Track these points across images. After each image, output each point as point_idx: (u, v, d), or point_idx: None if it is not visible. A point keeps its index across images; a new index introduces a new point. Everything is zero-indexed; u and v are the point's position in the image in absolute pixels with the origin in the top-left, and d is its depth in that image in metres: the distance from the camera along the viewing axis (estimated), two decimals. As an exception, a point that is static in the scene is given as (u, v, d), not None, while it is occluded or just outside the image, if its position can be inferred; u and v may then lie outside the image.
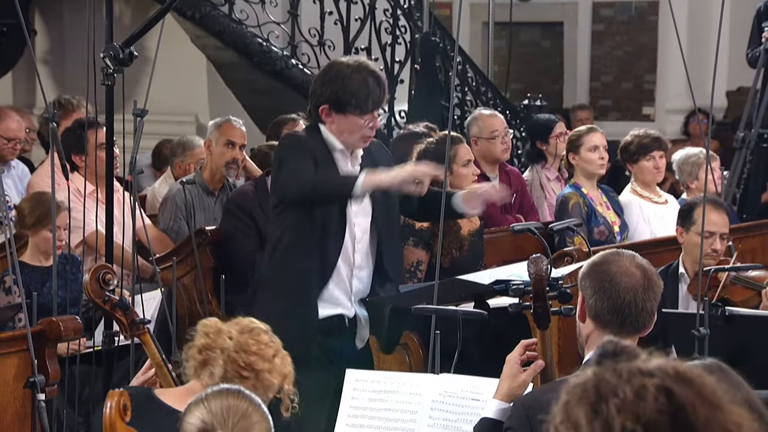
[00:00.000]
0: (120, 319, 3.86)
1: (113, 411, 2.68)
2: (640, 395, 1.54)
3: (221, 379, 3.31)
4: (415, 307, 4.18)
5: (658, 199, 6.54)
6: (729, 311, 4.78)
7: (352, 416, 3.60)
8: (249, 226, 5.82)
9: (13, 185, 6.97)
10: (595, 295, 3.04)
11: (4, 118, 6.85)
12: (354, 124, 4.38)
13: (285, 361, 3.39)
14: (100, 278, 3.87)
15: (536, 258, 3.32)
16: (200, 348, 3.34)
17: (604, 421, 1.54)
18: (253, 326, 3.41)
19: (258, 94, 9.47)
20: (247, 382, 3.31)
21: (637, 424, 1.52)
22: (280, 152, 4.52)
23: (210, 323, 3.41)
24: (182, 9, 8.65)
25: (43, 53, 10.47)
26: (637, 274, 3.03)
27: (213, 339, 3.33)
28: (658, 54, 13.25)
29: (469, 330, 4.06)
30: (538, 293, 3.26)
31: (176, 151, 7.39)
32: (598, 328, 3.06)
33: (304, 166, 4.32)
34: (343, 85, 4.35)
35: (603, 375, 1.58)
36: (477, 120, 6.82)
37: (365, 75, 4.37)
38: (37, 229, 5.39)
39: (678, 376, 1.56)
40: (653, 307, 3.06)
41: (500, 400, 3.17)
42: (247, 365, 3.31)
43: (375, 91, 4.38)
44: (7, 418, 3.95)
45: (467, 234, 5.54)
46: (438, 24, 9.61)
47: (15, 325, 4.83)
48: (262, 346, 3.35)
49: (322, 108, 4.40)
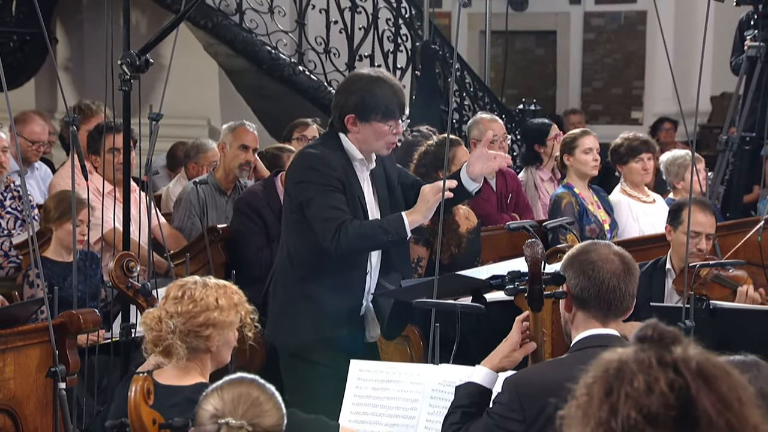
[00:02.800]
0: (141, 304, 3.87)
1: (138, 394, 2.68)
2: (650, 388, 1.53)
3: (188, 351, 3.28)
4: (416, 301, 4.17)
5: (646, 198, 6.54)
6: (713, 305, 4.78)
7: (356, 404, 3.60)
8: (258, 225, 5.83)
9: (36, 185, 6.97)
10: (580, 283, 3.07)
11: (28, 122, 6.85)
12: (380, 131, 4.32)
13: (227, 294, 3.35)
14: (124, 265, 3.89)
15: (532, 242, 3.31)
16: (153, 342, 3.31)
17: (612, 404, 1.54)
18: (183, 290, 3.34)
19: (267, 99, 9.48)
20: (212, 336, 3.30)
21: (640, 415, 1.51)
22: (302, 174, 4.35)
23: (147, 317, 3.37)
24: (195, 18, 8.66)
25: (63, 61, 10.48)
26: (616, 260, 3.08)
27: (158, 329, 3.30)
28: (645, 61, 13.26)
29: (467, 323, 4.05)
30: (534, 276, 3.25)
31: (190, 153, 7.39)
32: (584, 313, 3.08)
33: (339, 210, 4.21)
34: (370, 92, 4.31)
35: (627, 359, 1.57)
36: (478, 123, 6.82)
37: (386, 85, 4.35)
38: (60, 222, 5.45)
39: (698, 372, 1.54)
40: (634, 290, 3.11)
41: (489, 368, 3.21)
42: (200, 325, 3.29)
43: (396, 97, 4.36)
44: (30, 406, 3.95)
45: (465, 232, 5.54)
46: (437, 33, 9.61)
47: (37, 317, 4.83)
48: (201, 302, 3.31)
49: (348, 117, 4.33)
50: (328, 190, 4.25)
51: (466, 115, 9.29)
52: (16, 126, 5.77)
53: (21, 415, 3.92)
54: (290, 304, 4.40)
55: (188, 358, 3.31)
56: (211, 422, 2.53)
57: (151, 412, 2.69)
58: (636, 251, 5.88)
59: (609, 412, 1.53)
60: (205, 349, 3.32)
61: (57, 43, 10.09)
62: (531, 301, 3.26)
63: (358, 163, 4.39)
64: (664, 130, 11.04)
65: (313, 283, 4.35)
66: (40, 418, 3.99)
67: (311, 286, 4.36)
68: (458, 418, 3.14)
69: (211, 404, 2.56)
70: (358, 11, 9.22)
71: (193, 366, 3.33)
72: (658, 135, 10.52)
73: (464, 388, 3.21)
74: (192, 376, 3.30)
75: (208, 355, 3.34)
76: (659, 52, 12.18)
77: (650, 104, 13.05)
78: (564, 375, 1.65)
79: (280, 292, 4.47)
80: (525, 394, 2.93)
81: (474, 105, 9.81)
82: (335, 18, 9.16)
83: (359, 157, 4.38)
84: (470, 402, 3.16)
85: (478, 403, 3.15)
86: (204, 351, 3.32)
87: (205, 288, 3.34)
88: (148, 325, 3.33)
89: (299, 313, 4.35)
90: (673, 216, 5.42)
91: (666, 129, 11.10)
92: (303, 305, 4.35)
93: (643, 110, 13.33)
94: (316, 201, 4.25)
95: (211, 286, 3.36)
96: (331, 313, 4.34)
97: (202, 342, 3.30)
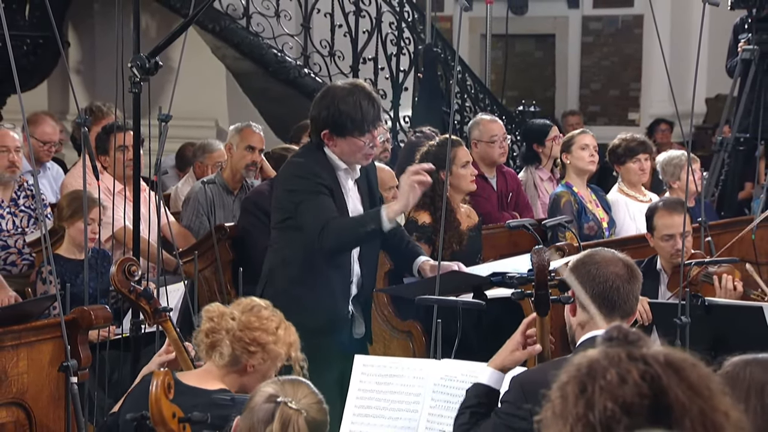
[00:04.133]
0: (144, 307, 3.86)
1: (159, 389, 2.68)
2: (623, 379, 1.54)
3: (230, 357, 3.32)
4: (419, 298, 4.17)
5: (643, 198, 6.54)
6: (708, 301, 4.77)
7: (360, 398, 3.60)
8: (264, 223, 5.81)
9: (49, 185, 6.97)
10: (585, 285, 3.05)
11: (39, 123, 6.85)
12: (355, 145, 4.31)
13: (288, 331, 3.39)
14: (126, 270, 3.88)
15: (539, 249, 3.31)
16: (206, 332, 3.35)
17: (588, 399, 1.55)
18: (254, 304, 3.40)
19: (273, 101, 9.47)
20: (256, 356, 3.32)
21: (616, 405, 1.53)
22: (291, 182, 4.37)
23: (213, 308, 3.41)
24: (203, 22, 8.66)
25: (75, 63, 10.48)
26: (620, 263, 3.09)
27: (217, 322, 3.34)
28: (642, 64, 13.23)
29: (468, 319, 4.05)
30: (540, 282, 3.25)
31: (196, 153, 7.39)
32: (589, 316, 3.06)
33: (327, 210, 4.24)
34: (338, 109, 4.26)
35: (598, 358, 1.59)
36: (478, 124, 6.82)
37: (358, 97, 4.28)
38: (73, 221, 5.46)
39: (667, 364, 1.56)
40: (637, 294, 3.11)
41: (494, 368, 3.21)
42: (252, 341, 3.31)
43: (369, 111, 4.29)
44: (43, 399, 3.95)
45: (466, 230, 5.54)
46: (439, 36, 9.61)
47: (50, 313, 4.83)
48: (264, 321, 3.35)
49: (323, 133, 4.32)
50: (315, 195, 4.26)
51: (467, 116, 9.28)
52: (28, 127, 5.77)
53: (34, 409, 3.92)
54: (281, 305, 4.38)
55: (225, 366, 3.33)
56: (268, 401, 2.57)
57: (171, 406, 2.69)
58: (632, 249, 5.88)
59: (585, 407, 1.54)
60: (243, 366, 3.34)
61: (69, 46, 10.08)
62: (537, 306, 3.26)
63: (342, 173, 4.39)
64: (660, 131, 11.04)
65: (302, 286, 4.35)
66: (53, 412, 3.99)
67: (300, 289, 4.35)
68: (467, 419, 3.14)
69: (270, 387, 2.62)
70: (362, 15, 9.22)
71: (221, 375, 3.34)
72: (654, 136, 10.50)
73: (472, 390, 3.20)
74: (216, 383, 3.32)
75: (242, 375, 3.35)
76: (655, 55, 12.18)
77: (647, 106, 13.02)
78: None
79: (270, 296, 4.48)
80: (531, 393, 2.92)
81: (475, 106, 9.80)
82: (340, 22, 9.16)
83: (343, 166, 4.38)
84: (478, 402, 3.16)
85: (486, 403, 3.15)
86: (241, 368, 3.34)
87: (273, 314, 3.39)
88: (210, 315, 3.36)
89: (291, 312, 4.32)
90: (648, 222, 5.40)
91: (662, 130, 11.09)
92: (293, 306, 4.34)
93: (639, 112, 13.31)
94: (304, 205, 4.27)
95: (277, 317, 3.40)
96: (320, 313, 4.34)
97: (245, 356, 3.32)
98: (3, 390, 3.83)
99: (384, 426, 3.52)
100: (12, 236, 5.89)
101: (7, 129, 6.02)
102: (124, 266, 3.85)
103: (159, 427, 2.69)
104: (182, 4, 8.59)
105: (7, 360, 3.84)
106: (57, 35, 4.58)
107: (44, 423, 3.95)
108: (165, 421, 2.67)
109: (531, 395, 2.92)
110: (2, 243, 5.86)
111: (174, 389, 2.76)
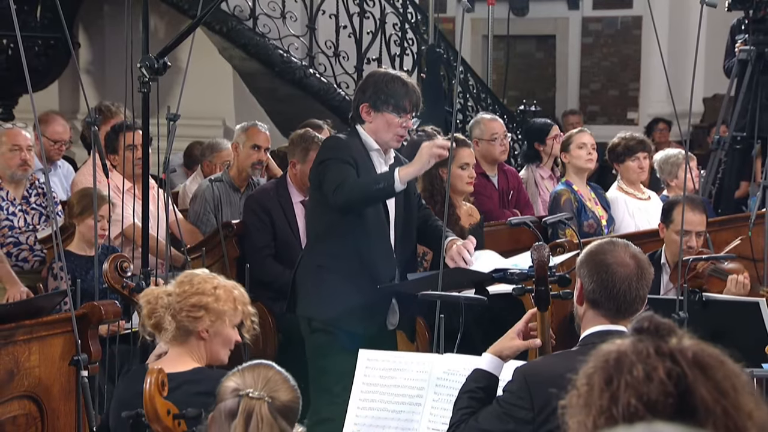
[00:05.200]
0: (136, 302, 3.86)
1: (152, 386, 2.68)
2: (649, 376, 1.52)
3: (175, 331, 3.30)
4: (422, 293, 4.17)
5: (641, 195, 6.55)
6: (706, 297, 4.77)
7: (364, 392, 3.60)
8: (264, 222, 5.82)
9: (59, 183, 6.98)
10: (593, 283, 3.00)
11: (50, 123, 6.85)
12: (390, 122, 4.47)
13: (229, 288, 3.36)
14: (118, 266, 3.89)
15: (539, 246, 3.31)
16: (147, 315, 3.34)
17: (613, 392, 1.53)
18: (187, 274, 3.38)
19: (279, 101, 9.47)
20: (204, 320, 3.30)
21: (640, 402, 1.51)
22: (325, 153, 4.54)
23: (147, 291, 3.41)
24: (211, 23, 8.66)
25: (86, 64, 10.48)
26: (631, 264, 3.00)
27: (153, 303, 3.33)
28: (641, 64, 13.21)
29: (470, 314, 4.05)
30: (540, 277, 3.25)
31: (204, 152, 7.39)
32: (595, 311, 3.04)
33: (347, 173, 4.36)
34: (383, 87, 4.48)
35: (626, 350, 1.56)
36: (479, 123, 6.82)
37: (401, 82, 4.51)
38: (83, 217, 5.46)
39: (695, 362, 1.53)
40: (645, 294, 3.04)
41: (492, 354, 3.21)
42: (192, 306, 3.29)
43: (409, 94, 4.50)
44: (54, 392, 3.96)
45: (468, 227, 5.54)
46: (442, 37, 9.61)
47: (61, 308, 4.84)
48: (198, 285, 3.32)
49: (362, 106, 4.49)
50: (341, 162, 4.39)
51: (469, 116, 9.27)
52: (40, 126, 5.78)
53: (46, 401, 3.94)
54: (316, 279, 4.50)
55: (180, 342, 3.31)
56: (233, 395, 2.55)
57: (165, 404, 2.70)
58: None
59: (610, 400, 1.52)
60: (196, 333, 3.31)
61: (79, 47, 10.09)
62: (537, 301, 3.26)
63: (375, 153, 4.52)
64: (658, 130, 11.03)
65: (339, 259, 4.48)
66: (64, 404, 4.00)
67: (337, 263, 4.48)
68: (466, 403, 3.14)
69: (232, 381, 2.60)
70: (366, 16, 9.21)
71: (186, 353, 3.32)
72: (652, 135, 10.49)
73: (471, 375, 3.21)
74: (187, 363, 3.31)
75: (201, 343, 3.33)
76: (654, 56, 12.15)
77: (645, 105, 13.00)
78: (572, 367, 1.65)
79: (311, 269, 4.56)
80: (534, 383, 2.92)
81: (477, 106, 9.80)
82: (344, 23, 9.16)
83: (375, 147, 4.51)
84: (476, 387, 3.16)
85: (484, 387, 3.15)
86: (195, 336, 3.31)
87: (207, 277, 3.37)
88: (146, 298, 3.35)
89: (325, 286, 4.43)
90: (665, 215, 5.43)
91: (660, 129, 11.08)
92: (328, 279, 4.47)
93: (638, 111, 13.29)
94: (330, 171, 4.39)
95: (215, 279, 3.37)
96: (353, 289, 4.44)
97: (192, 323, 3.29)
98: (15, 383, 3.84)
99: (388, 419, 3.53)
100: (24, 233, 5.90)
101: (19, 128, 6.02)
102: (116, 263, 3.86)
103: (154, 424, 2.69)
104: (190, 6, 8.59)
105: (19, 354, 3.85)
106: (68, 37, 4.59)
107: (55, 415, 3.97)
108: (159, 419, 2.67)
109: (534, 386, 2.92)
110: (14, 240, 5.87)
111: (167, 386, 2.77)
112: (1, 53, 8.86)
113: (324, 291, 4.49)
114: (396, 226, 4.59)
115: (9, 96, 9.34)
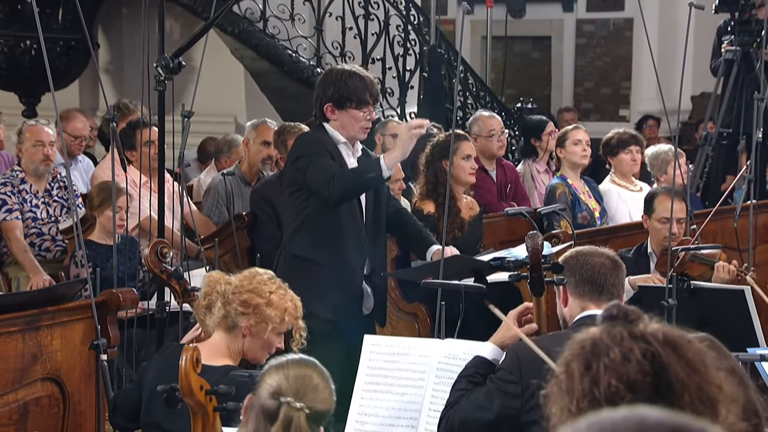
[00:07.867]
0: (174, 287, 3.87)
1: (188, 362, 2.67)
2: (626, 357, 1.53)
3: (221, 318, 3.30)
4: (424, 281, 4.17)
5: (633, 187, 6.56)
6: (694, 285, 4.77)
7: (369, 375, 3.60)
8: (267, 213, 5.83)
9: (80, 177, 6.98)
10: (574, 274, 3.11)
11: (71, 119, 6.86)
12: (354, 117, 4.44)
13: (285, 298, 3.34)
14: (158, 251, 3.90)
15: (533, 234, 3.32)
16: (204, 295, 3.36)
17: (593, 376, 1.54)
18: (255, 272, 3.38)
19: (288, 98, 9.46)
20: (249, 318, 3.29)
21: (620, 383, 1.51)
22: (299, 150, 4.52)
23: (212, 275, 3.42)
24: (223, 25, 8.66)
25: (104, 63, 10.48)
26: (605, 255, 3.14)
27: (213, 286, 3.34)
28: (632, 64, 13.19)
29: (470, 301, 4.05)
30: (534, 264, 3.25)
31: (223, 148, 7.37)
32: (580, 300, 3.08)
33: (329, 165, 4.35)
34: (342, 85, 4.44)
35: (600, 336, 1.57)
36: (477, 120, 6.81)
37: (359, 77, 4.48)
38: (102, 209, 5.47)
39: (666, 341, 1.55)
40: (622, 281, 3.14)
41: (494, 344, 3.23)
42: (243, 302, 3.29)
43: (368, 87, 4.47)
44: (75, 376, 3.97)
45: (468, 219, 5.55)
46: (443, 38, 9.59)
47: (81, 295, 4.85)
48: (258, 285, 3.32)
49: (326, 106, 4.46)
50: (320, 157, 4.38)
51: (469, 113, 9.25)
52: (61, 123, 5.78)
53: (67, 384, 3.94)
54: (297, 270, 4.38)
55: (224, 329, 3.32)
56: (273, 398, 2.47)
57: (199, 379, 2.69)
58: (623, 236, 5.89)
59: (591, 383, 1.53)
60: (239, 330, 3.31)
61: (99, 48, 10.08)
62: (532, 287, 3.27)
63: (343, 146, 4.49)
64: (648, 127, 11.02)
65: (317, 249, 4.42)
66: (84, 387, 4.00)
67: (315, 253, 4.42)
68: (463, 385, 3.16)
69: (275, 380, 2.50)
70: (371, 18, 9.20)
71: (225, 344, 3.33)
72: (643, 131, 10.48)
73: (471, 361, 3.22)
74: (221, 358, 3.31)
75: (241, 339, 3.33)
76: (645, 56, 12.13)
77: (636, 103, 12.99)
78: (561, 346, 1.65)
79: (289, 261, 4.51)
80: (524, 359, 2.93)
81: (476, 104, 9.78)
82: (350, 24, 9.14)
83: (342, 140, 4.49)
84: (475, 372, 3.17)
85: (482, 373, 3.16)
86: (237, 331, 3.32)
87: (269, 281, 3.36)
88: (208, 281, 3.37)
89: (305, 277, 4.31)
90: (648, 205, 5.44)
91: (650, 126, 11.08)
92: (308, 270, 4.40)
93: (630, 108, 13.28)
94: (311, 167, 4.37)
95: (275, 284, 3.36)
96: (333, 279, 4.38)
97: (237, 317, 3.29)
98: (39, 366, 3.85)
99: (391, 401, 3.53)
100: (46, 224, 5.91)
101: (41, 125, 6.03)
102: (157, 248, 3.88)
103: (187, 398, 2.69)
104: (204, 8, 8.58)
105: (42, 338, 3.86)
106: (88, 37, 4.59)
107: (76, 397, 3.97)
108: (193, 393, 2.67)
109: (524, 362, 2.93)
110: (37, 230, 5.88)
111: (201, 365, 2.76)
112: (25, 54, 8.87)
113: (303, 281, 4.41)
114: (367, 215, 4.55)
115: (32, 94, 9.34)
